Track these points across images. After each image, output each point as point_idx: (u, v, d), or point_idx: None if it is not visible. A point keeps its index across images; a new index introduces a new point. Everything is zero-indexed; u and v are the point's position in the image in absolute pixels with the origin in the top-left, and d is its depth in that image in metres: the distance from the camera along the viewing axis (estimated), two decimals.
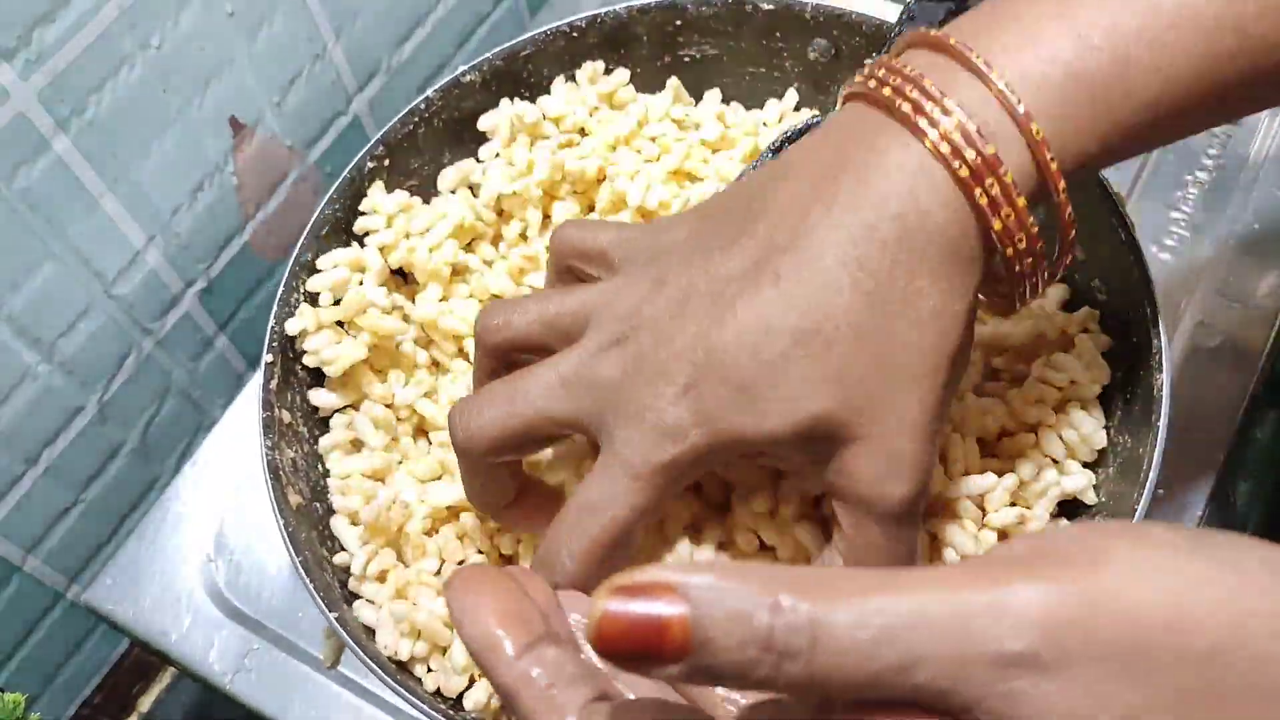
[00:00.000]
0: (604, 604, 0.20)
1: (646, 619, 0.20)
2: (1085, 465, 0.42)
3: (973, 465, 0.42)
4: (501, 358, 0.39)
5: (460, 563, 0.45)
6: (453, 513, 0.47)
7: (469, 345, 0.50)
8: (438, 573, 0.45)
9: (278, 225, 0.60)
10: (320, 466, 0.47)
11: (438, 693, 0.42)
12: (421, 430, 0.48)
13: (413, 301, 0.49)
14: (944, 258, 0.32)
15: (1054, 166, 0.32)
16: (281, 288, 0.46)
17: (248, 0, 0.51)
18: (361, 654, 0.39)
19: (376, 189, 0.49)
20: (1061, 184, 0.32)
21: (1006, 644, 0.20)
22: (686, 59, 0.53)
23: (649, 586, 0.20)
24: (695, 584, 0.20)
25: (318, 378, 0.48)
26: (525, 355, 0.38)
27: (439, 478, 0.47)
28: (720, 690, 0.26)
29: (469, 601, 0.25)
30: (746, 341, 0.32)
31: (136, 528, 0.52)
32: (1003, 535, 0.41)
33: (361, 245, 0.49)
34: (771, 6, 0.51)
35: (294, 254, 0.47)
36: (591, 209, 0.52)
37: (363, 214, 0.49)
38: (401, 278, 0.50)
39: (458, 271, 0.49)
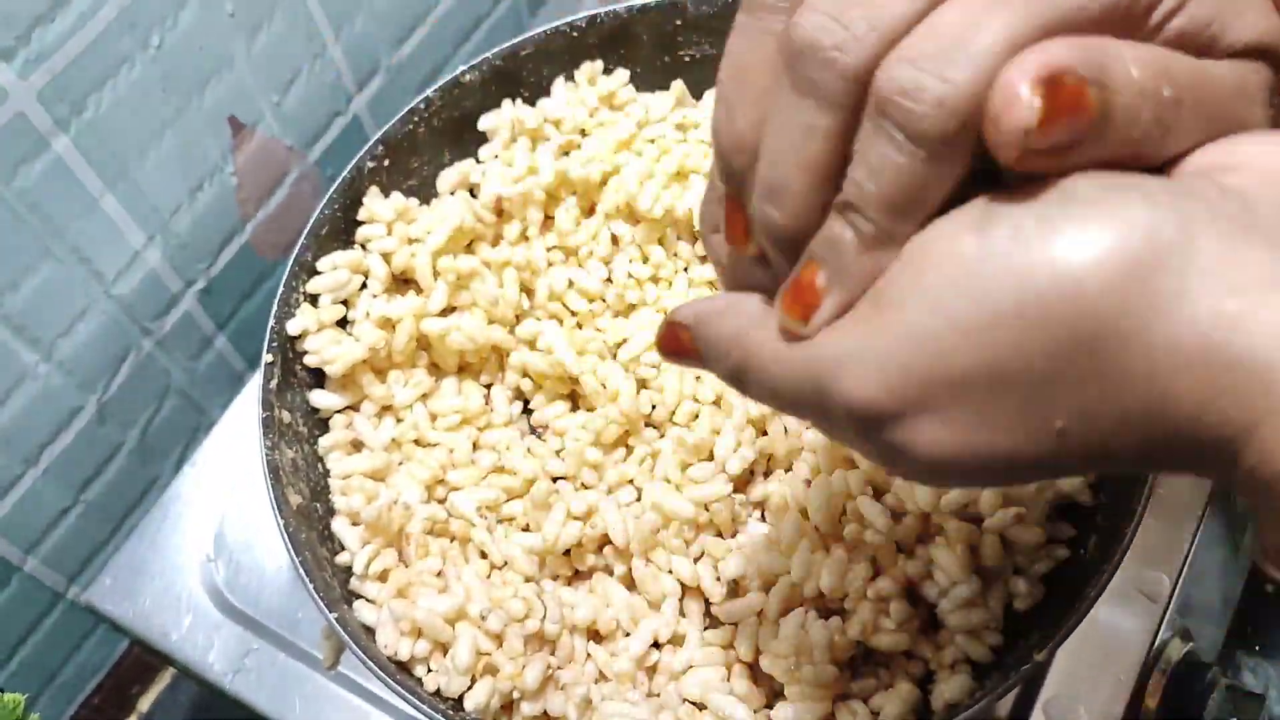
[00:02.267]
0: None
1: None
2: None
3: None
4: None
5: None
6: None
7: (470, 359, 0.50)
8: (439, 573, 0.45)
9: (277, 225, 0.60)
10: (320, 466, 0.47)
11: (438, 693, 0.42)
12: (418, 443, 0.48)
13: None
14: None
15: None
16: (281, 288, 0.46)
17: (247, 0, 0.51)
18: (361, 654, 0.39)
19: (372, 195, 0.49)
20: None
21: None
22: (686, 59, 0.53)
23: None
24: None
25: (318, 378, 0.48)
26: None
27: (440, 482, 0.47)
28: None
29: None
30: None
31: (136, 528, 0.52)
32: (1001, 540, 0.41)
33: (365, 250, 0.49)
34: None
35: (294, 254, 0.47)
36: (592, 211, 0.52)
37: (361, 223, 0.49)
38: (403, 281, 0.50)
39: (461, 277, 0.49)
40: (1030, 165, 0.21)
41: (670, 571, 0.44)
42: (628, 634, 0.43)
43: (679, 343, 0.27)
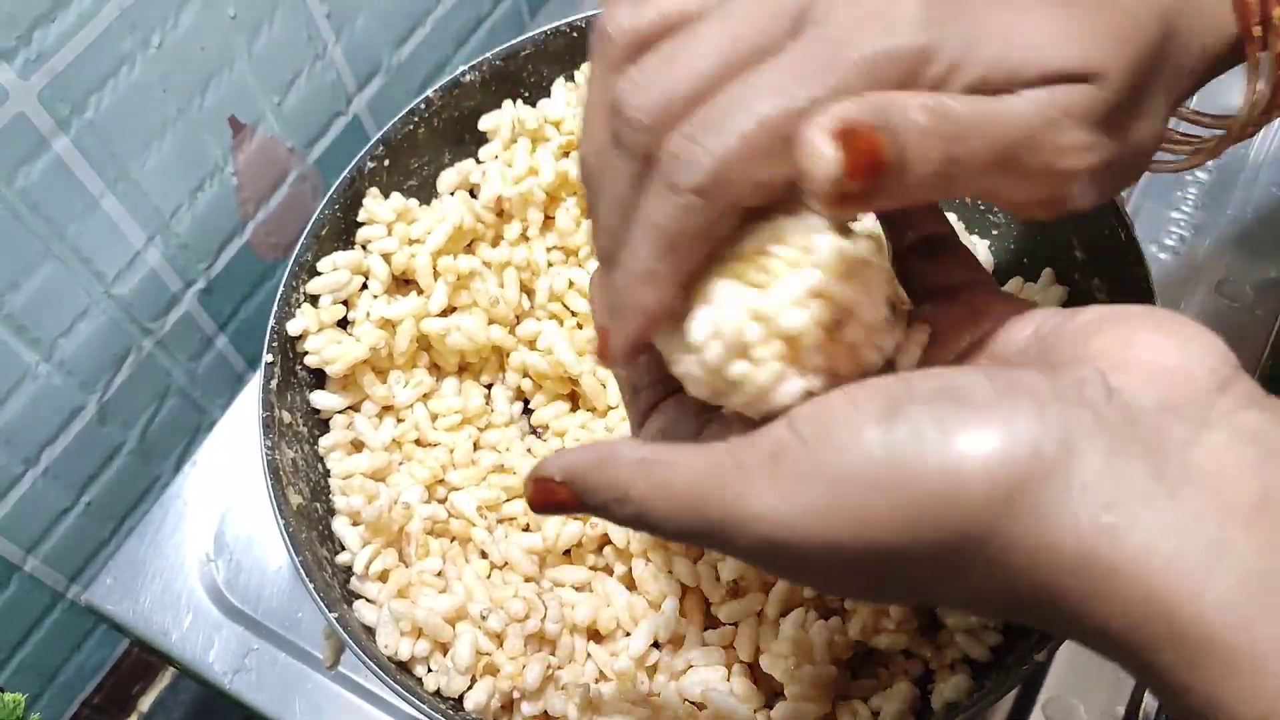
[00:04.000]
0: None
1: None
2: None
3: None
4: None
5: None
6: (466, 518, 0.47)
7: (470, 359, 0.50)
8: (439, 573, 0.45)
9: (277, 225, 0.60)
10: (320, 466, 0.47)
11: (438, 693, 0.42)
12: (418, 443, 0.48)
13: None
14: None
15: None
16: (282, 288, 0.46)
17: (248, 0, 0.51)
18: (361, 654, 0.39)
19: (373, 196, 0.49)
20: None
21: None
22: None
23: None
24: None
25: (318, 378, 0.48)
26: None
27: (440, 481, 0.47)
28: None
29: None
30: None
31: (136, 528, 0.52)
32: None
33: (365, 250, 0.49)
34: None
35: (294, 254, 0.47)
36: None
37: (361, 223, 0.49)
38: (403, 281, 0.50)
39: (461, 278, 0.49)
40: (845, 208, 0.23)
41: (670, 572, 0.44)
42: (628, 634, 0.43)
43: (554, 496, 0.28)
